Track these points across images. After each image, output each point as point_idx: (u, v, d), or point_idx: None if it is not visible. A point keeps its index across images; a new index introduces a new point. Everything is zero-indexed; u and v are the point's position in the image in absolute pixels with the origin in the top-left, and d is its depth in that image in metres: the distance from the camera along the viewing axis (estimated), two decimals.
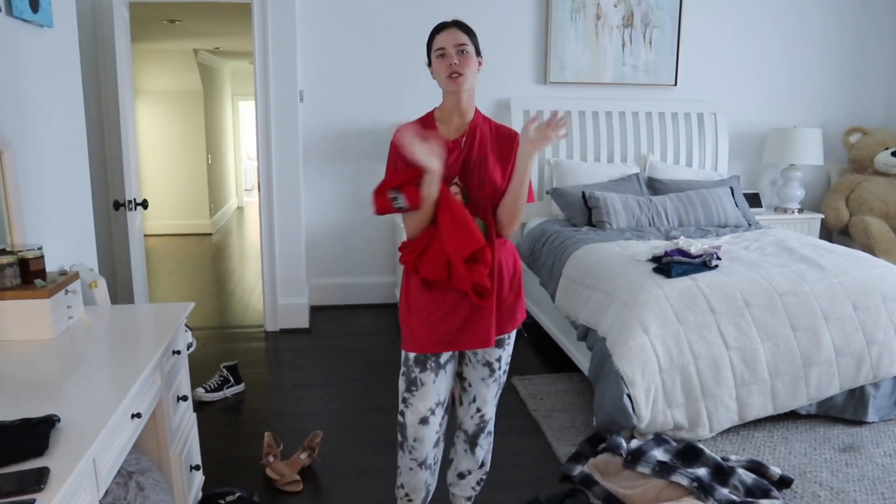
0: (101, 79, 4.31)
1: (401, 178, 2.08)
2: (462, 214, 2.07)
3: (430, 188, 2.04)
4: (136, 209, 3.84)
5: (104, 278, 2.78)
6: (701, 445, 2.96)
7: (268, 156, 4.68)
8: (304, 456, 2.98)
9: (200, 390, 3.69)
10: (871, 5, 5.72)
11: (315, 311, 5.21)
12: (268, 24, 4.51)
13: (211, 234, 9.22)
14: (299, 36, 4.70)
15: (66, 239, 2.77)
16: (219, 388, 3.75)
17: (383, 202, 2.10)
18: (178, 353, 2.42)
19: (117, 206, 3.89)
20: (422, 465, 2.31)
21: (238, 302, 5.75)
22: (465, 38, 2.12)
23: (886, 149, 5.46)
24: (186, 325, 2.77)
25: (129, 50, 4.05)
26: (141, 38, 7.62)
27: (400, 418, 2.27)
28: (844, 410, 3.39)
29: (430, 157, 2.00)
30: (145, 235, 8.58)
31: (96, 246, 3.18)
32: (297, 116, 4.67)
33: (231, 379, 3.79)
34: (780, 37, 5.61)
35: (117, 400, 1.68)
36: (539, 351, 4.40)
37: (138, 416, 1.84)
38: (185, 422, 2.53)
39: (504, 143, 2.19)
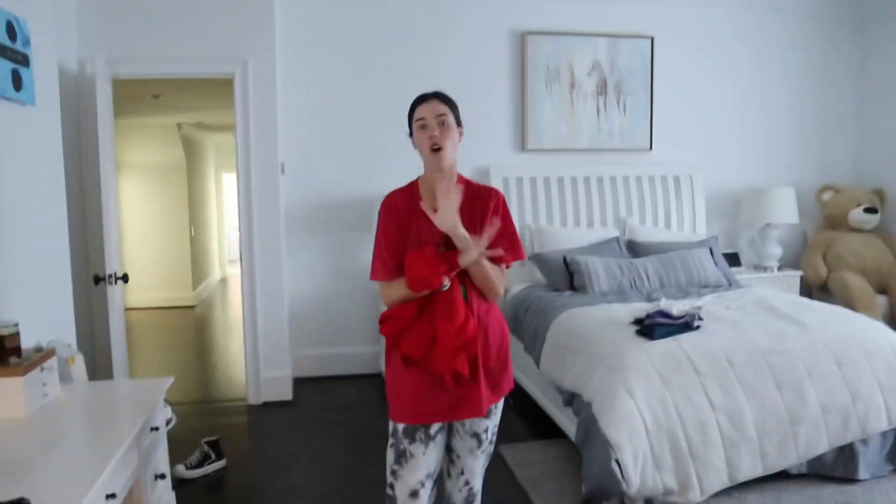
0: (84, 153, 4.35)
1: (431, 268, 2.06)
2: (460, 302, 2.08)
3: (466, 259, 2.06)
4: (116, 283, 3.82)
5: (82, 354, 2.74)
6: None
7: (249, 228, 4.70)
8: None
9: (181, 467, 3.60)
10: (834, 70, 5.94)
11: (299, 382, 5.14)
12: (249, 98, 4.60)
13: (194, 307, 9.15)
14: (280, 108, 4.78)
15: (44, 314, 2.74)
16: (200, 465, 3.66)
17: (423, 281, 2.07)
18: (157, 429, 2.38)
19: (97, 280, 3.87)
20: None
21: (221, 375, 5.67)
22: (445, 109, 2.16)
23: (859, 205, 5.58)
24: (166, 401, 2.72)
25: (112, 125, 4.11)
26: (125, 113, 7.72)
27: (389, 491, 2.22)
28: (835, 468, 3.36)
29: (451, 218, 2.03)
30: (127, 309, 8.55)
31: (75, 320, 3.15)
32: (278, 188, 4.71)
33: (212, 454, 3.70)
34: (750, 100, 5.80)
35: (91, 481, 1.64)
36: (526, 418, 4.35)
37: (113, 496, 1.79)
38: (164, 501, 2.46)
39: (482, 202, 2.20)
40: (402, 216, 2.18)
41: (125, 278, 3.89)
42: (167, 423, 2.73)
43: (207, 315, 8.70)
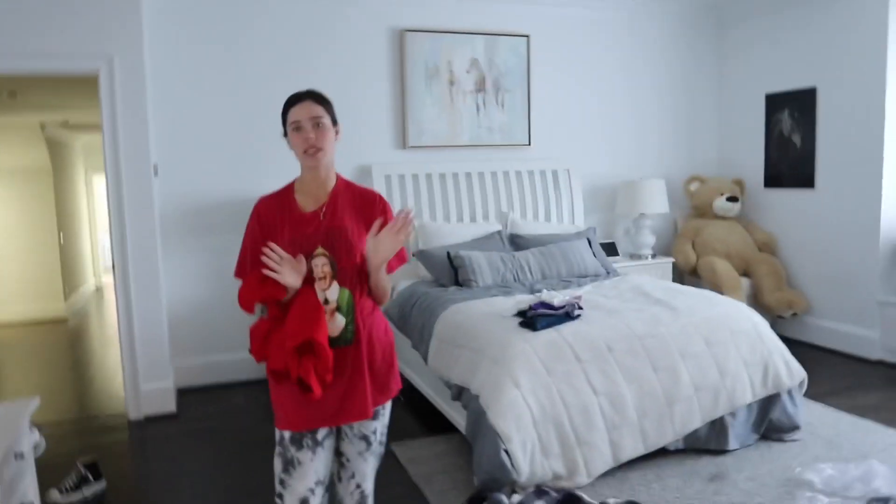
0: None
1: (266, 293, 2.07)
2: (312, 304, 2.06)
3: (290, 293, 2.07)
4: None
5: None
6: (580, 493, 3.02)
7: (122, 233, 4.46)
8: None
9: (55, 493, 3.38)
10: (697, 69, 6.31)
11: (182, 393, 4.93)
12: (116, 96, 4.35)
13: (67, 320, 8.59)
14: (151, 107, 4.56)
15: None
16: (76, 488, 3.44)
17: (249, 306, 2.11)
18: (22, 456, 2.22)
19: None
20: None
21: (98, 390, 5.36)
22: (320, 111, 2.12)
23: (722, 195, 5.96)
24: (33, 424, 2.54)
25: None
26: None
27: (278, 500, 2.17)
28: (708, 442, 3.57)
29: (294, 277, 2.03)
30: None
31: None
32: (151, 191, 4.50)
33: (90, 477, 3.49)
34: (621, 98, 6.07)
35: None
36: (416, 414, 4.37)
37: None
38: None
39: (366, 207, 2.20)
40: (272, 221, 2.15)
41: None
42: (35, 449, 2.55)
43: (82, 327, 8.20)
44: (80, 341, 7.44)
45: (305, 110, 2.11)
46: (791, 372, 3.75)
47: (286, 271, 2.01)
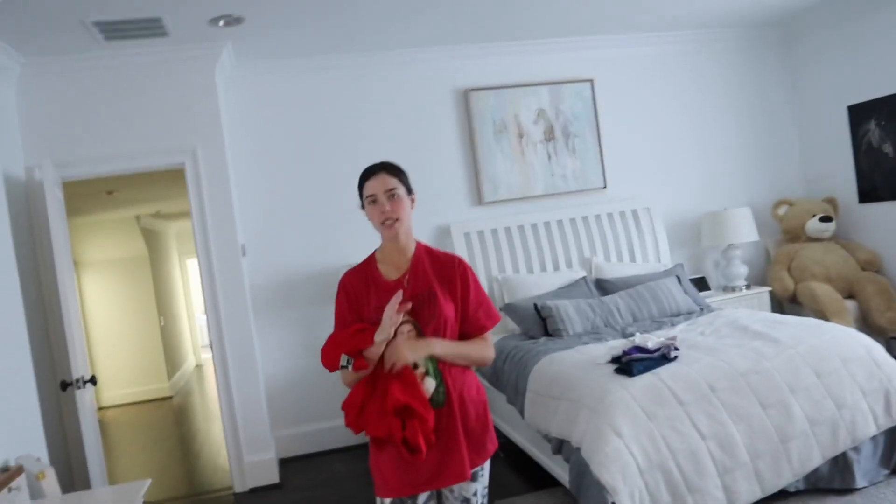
0: (39, 256, 4.27)
1: (353, 344, 2.09)
2: (405, 369, 2.05)
3: (376, 351, 2.07)
4: (84, 386, 3.72)
5: (53, 467, 2.65)
6: None
7: (216, 312, 4.63)
8: None
9: None
10: (769, 88, 6.14)
11: (285, 463, 5.01)
12: (202, 185, 4.59)
13: (171, 397, 8.94)
14: (235, 191, 4.79)
15: (10, 428, 2.65)
16: None
17: (334, 363, 2.12)
18: None
19: (64, 386, 3.77)
20: None
21: (205, 464, 5.51)
22: (394, 182, 2.16)
23: (814, 216, 5.70)
24: (146, 503, 2.63)
25: (65, 226, 4.07)
26: (81, 211, 7.66)
27: None
28: (832, 480, 3.36)
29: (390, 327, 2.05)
30: (102, 408, 8.35)
31: (45, 431, 3.05)
32: (241, 270, 4.68)
33: None
34: (694, 128, 5.95)
35: None
36: (517, 469, 4.28)
37: None
38: None
39: (445, 269, 2.21)
40: (358, 293, 2.19)
41: (93, 380, 3.79)
42: None
43: (186, 404, 8.50)
44: (184, 418, 7.70)
45: (380, 183, 2.15)
46: None
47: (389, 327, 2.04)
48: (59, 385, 4.02)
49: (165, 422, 7.60)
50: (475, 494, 2.20)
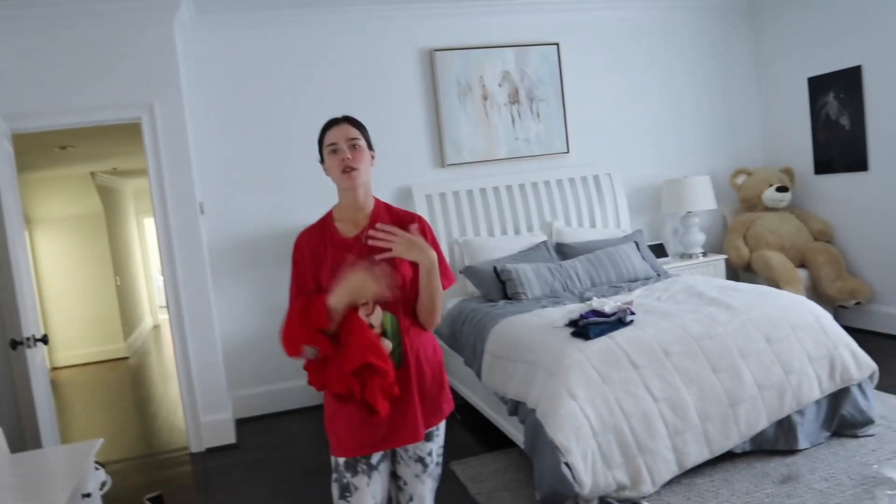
0: None
1: (311, 323, 2.03)
2: (362, 328, 2.03)
3: (339, 306, 2.02)
4: (35, 345, 3.64)
5: (1, 427, 2.60)
6: (646, 502, 2.94)
7: (173, 271, 4.56)
8: None
9: None
10: (734, 58, 6.18)
11: (241, 423, 5.00)
12: (159, 141, 4.48)
13: (127, 358, 8.83)
14: (193, 148, 4.67)
15: None
16: None
17: (295, 350, 2.03)
18: (89, 496, 2.26)
19: (14, 344, 3.68)
20: None
21: (162, 424, 5.47)
22: (356, 133, 2.14)
23: (770, 185, 5.80)
24: (98, 463, 2.60)
25: (15, 180, 3.93)
26: (33, 166, 7.43)
27: None
28: (777, 442, 3.46)
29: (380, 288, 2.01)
30: (56, 368, 8.21)
31: None
32: (199, 229, 4.59)
33: None
34: (657, 96, 5.97)
35: None
36: (473, 431, 4.34)
37: None
38: None
39: (404, 227, 2.19)
40: (315, 253, 2.16)
41: (45, 339, 3.71)
42: (101, 487, 2.60)
43: (142, 364, 8.41)
44: (140, 378, 7.62)
45: (342, 132, 2.13)
46: (860, 364, 3.60)
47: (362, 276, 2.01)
48: (7, 344, 3.93)
49: (121, 382, 7.51)
50: (430, 454, 2.22)
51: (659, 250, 5.70)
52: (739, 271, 5.95)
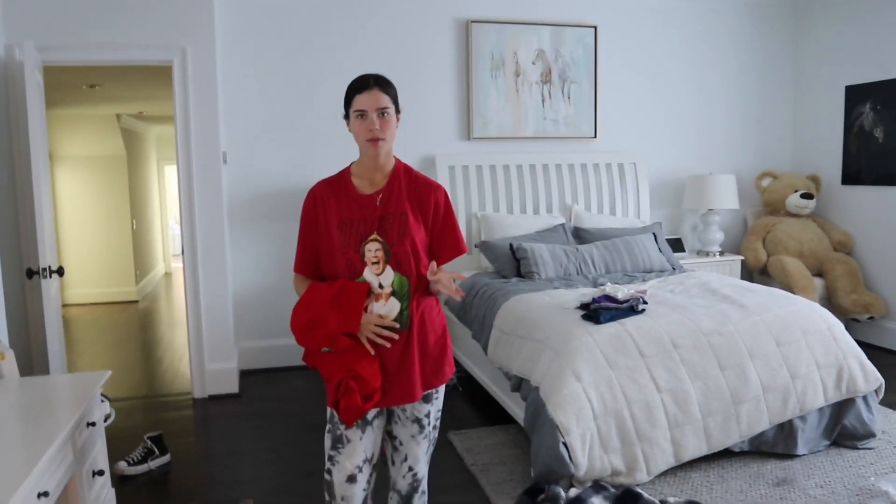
0: (15, 144, 4.17)
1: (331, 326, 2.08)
2: (354, 297, 2.07)
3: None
4: (50, 276, 3.68)
5: (13, 350, 2.63)
6: (639, 490, 2.95)
7: (191, 219, 4.58)
8: None
9: (122, 464, 3.50)
10: (771, 60, 6.08)
11: (245, 375, 5.05)
12: (189, 87, 4.47)
13: (137, 302, 8.91)
14: (221, 96, 4.67)
15: None
16: (142, 461, 3.56)
17: (315, 344, 2.13)
18: (94, 425, 2.30)
19: (31, 274, 3.73)
20: None
21: (166, 369, 5.53)
22: (386, 101, 2.10)
23: (796, 191, 5.74)
24: (104, 396, 2.63)
25: (43, 114, 3.95)
26: (60, 103, 7.45)
27: (326, 476, 2.20)
28: (775, 445, 3.45)
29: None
30: (67, 305, 8.30)
31: (7, 317, 3.02)
32: (220, 178, 4.61)
33: (156, 450, 3.61)
34: (691, 89, 5.90)
35: (20, 479, 1.57)
36: (474, 404, 4.35)
37: (45, 494, 1.72)
38: (103, 498, 2.38)
39: (423, 193, 2.18)
40: (326, 203, 2.16)
41: (60, 271, 3.75)
42: (106, 419, 2.64)
43: (152, 309, 8.48)
44: (149, 323, 7.69)
45: (372, 100, 2.09)
46: (867, 376, 3.58)
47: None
48: (24, 273, 3.97)
49: (130, 325, 7.58)
50: (427, 416, 2.23)
51: (676, 245, 5.67)
52: (755, 274, 5.91)
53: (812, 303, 3.84)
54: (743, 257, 5.76)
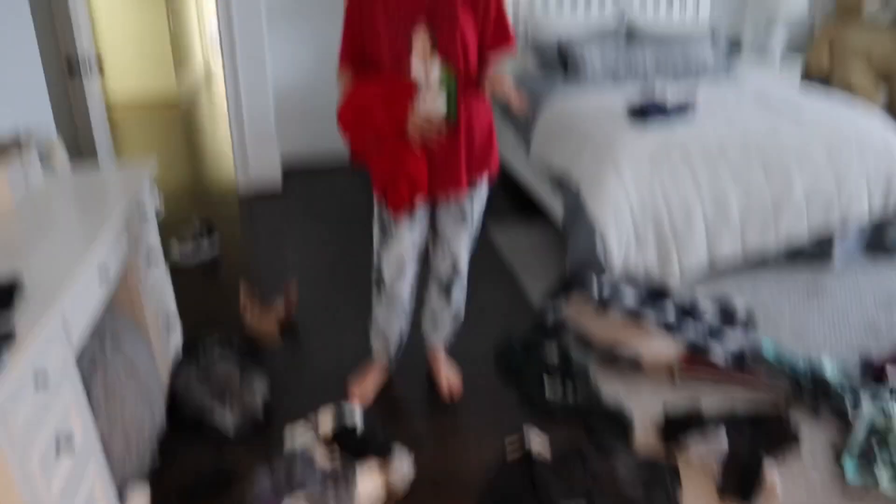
0: None
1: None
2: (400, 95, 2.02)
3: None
4: (91, 72, 3.66)
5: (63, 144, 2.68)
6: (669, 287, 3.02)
7: (228, 16, 4.42)
8: (281, 308, 3.01)
9: (175, 242, 3.69)
10: None
11: (288, 175, 5.12)
12: None
13: (178, 105, 8.88)
14: None
15: (18, 104, 2.63)
16: (194, 239, 3.73)
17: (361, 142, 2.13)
18: (146, 210, 2.38)
19: (71, 70, 3.70)
20: (397, 311, 2.36)
21: (210, 168, 5.62)
22: None
23: None
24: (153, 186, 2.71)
25: None
26: None
27: (376, 259, 2.31)
28: (812, 257, 3.45)
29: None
30: (109, 106, 8.27)
31: (54, 115, 3.03)
32: None
33: (206, 232, 3.77)
34: None
35: (83, 254, 1.67)
36: (514, 204, 4.41)
37: (105, 268, 1.82)
38: (158, 279, 2.52)
39: None
40: None
41: (101, 69, 3.72)
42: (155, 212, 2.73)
43: (193, 112, 8.48)
44: (191, 125, 7.72)
45: None
46: None
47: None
48: (64, 65, 3.94)
49: (173, 127, 7.62)
50: (472, 207, 2.27)
51: (735, 47, 5.32)
52: (815, 82, 5.58)
53: (872, 114, 3.65)
54: (805, 64, 5.41)
